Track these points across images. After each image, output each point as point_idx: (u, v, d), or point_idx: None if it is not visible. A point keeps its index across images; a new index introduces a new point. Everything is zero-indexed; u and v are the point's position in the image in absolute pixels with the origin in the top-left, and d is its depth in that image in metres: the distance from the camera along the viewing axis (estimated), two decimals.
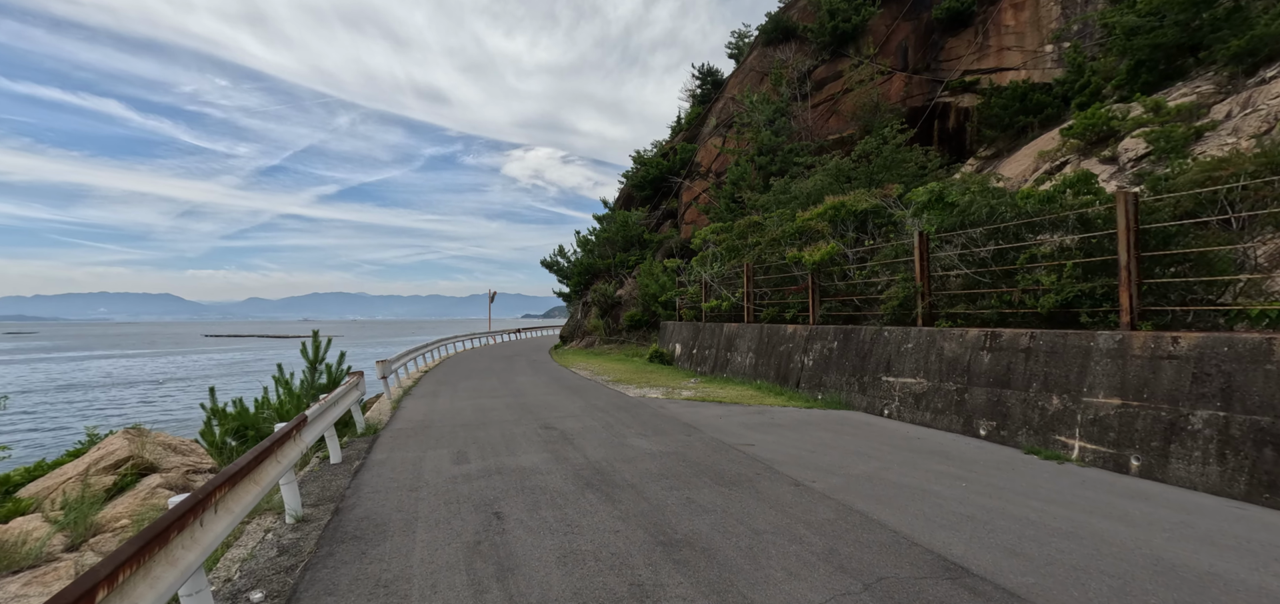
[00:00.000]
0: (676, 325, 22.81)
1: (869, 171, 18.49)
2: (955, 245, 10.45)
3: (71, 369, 55.92)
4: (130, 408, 31.50)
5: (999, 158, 24.70)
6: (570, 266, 34.48)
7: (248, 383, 37.45)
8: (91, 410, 30.93)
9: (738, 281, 18.29)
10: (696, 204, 29.38)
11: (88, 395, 36.96)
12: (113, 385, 42.38)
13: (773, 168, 25.75)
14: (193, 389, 38.96)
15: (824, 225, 14.13)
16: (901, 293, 10.76)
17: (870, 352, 11.38)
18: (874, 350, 11.27)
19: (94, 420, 26.30)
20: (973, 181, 11.38)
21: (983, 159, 25.98)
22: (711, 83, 38.69)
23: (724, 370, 17.26)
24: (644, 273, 26.96)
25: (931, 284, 10.60)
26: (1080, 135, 16.68)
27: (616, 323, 28.47)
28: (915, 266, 10.61)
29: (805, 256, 13.19)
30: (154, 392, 38.47)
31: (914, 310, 10.65)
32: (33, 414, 29.64)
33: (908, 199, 13.02)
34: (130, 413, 29.57)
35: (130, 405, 32.37)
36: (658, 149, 36.52)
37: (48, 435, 23.70)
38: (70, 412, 30.63)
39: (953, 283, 10.63)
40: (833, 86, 30.96)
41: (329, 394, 7.50)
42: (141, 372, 52.73)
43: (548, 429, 9.30)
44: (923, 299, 10.46)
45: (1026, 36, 27.81)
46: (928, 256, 10.57)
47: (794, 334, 14.21)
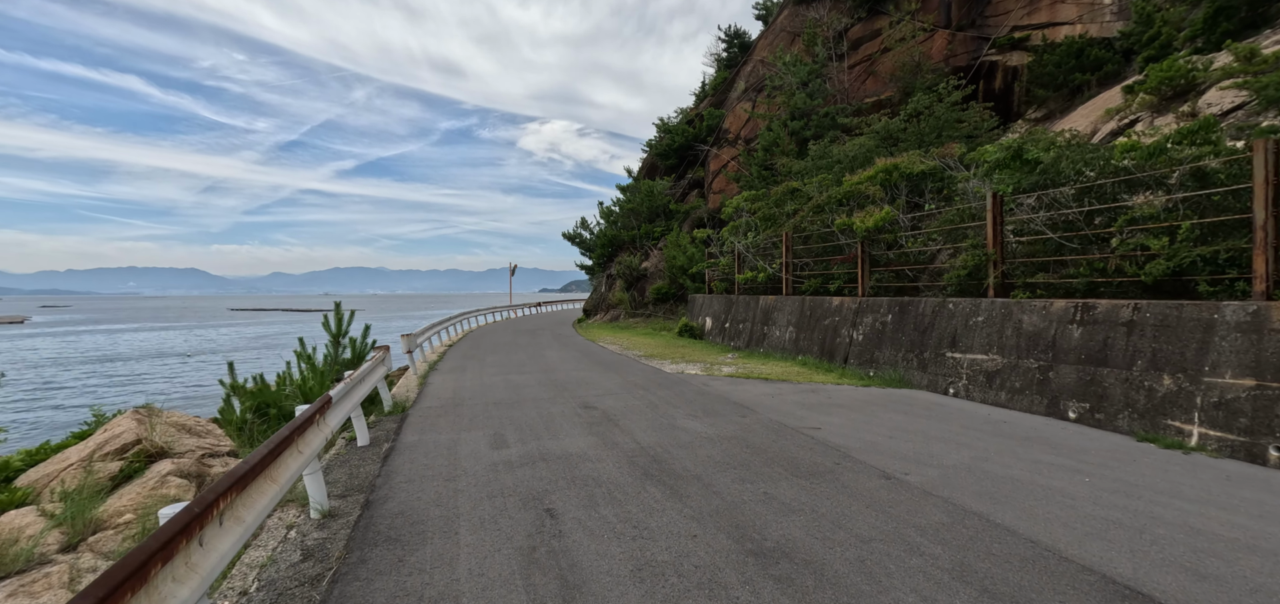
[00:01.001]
0: (706, 298, 21.98)
1: (919, 132, 17.27)
2: (1034, 207, 9.43)
3: (104, 342, 56.94)
4: (160, 382, 31.72)
5: (1051, 119, 23.19)
6: (593, 239, 33.66)
7: (273, 358, 37.60)
8: (127, 382, 31.20)
9: (775, 252, 17.36)
10: (725, 172, 28.26)
11: (124, 367, 37.38)
12: (144, 358, 42.93)
13: (807, 132, 24.51)
14: (219, 364, 39.28)
15: (875, 189, 13.11)
16: (970, 261, 9.79)
17: (931, 325, 10.46)
18: (936, 324, 10.35)
19: (125, 394, 26.42)
20: (1051, 137, 10.27)
21: (1032, 121, 24.47)
22: (738, 46, 37.14)
23: (761, 345, 16.44)
24: (671, 244, 26.07)
25: (1005, 251, 9.62)
26: (1154, 90, 15.29)
27: (642, 296, 27.70)
28: (987, 231, 9.62)
29: (856, 223, 12.22)
30: (182, 365, 38.83)
31: (985, 280, 9.69)
32: (63, 390, 29.95)
33: (972, 159, 11.93)
34: (159, 387, 29.73)
35: (158, 380, 32.61)
36: (682, 116, 35.28)
37: (75, 412, 23.81)
38: (104, 383, 30.91)
39: (1029, 249, 9.64)
40: (869, 46, 29.39)
41: (354, 371, 6.86)
42: (171, 345, 53.48)
43: (587, 408, 8.61)
44: (995, 267, 9.49)
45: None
46: (1001, 220, 9.57)
47: (840, 307, 13.31)
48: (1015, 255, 9.71)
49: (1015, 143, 9.78)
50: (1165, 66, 15.19)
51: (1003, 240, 9.58)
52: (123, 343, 55.68)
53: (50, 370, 35.35)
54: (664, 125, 33.98)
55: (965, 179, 11.67)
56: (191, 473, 4.98)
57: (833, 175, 16.61)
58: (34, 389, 29.13)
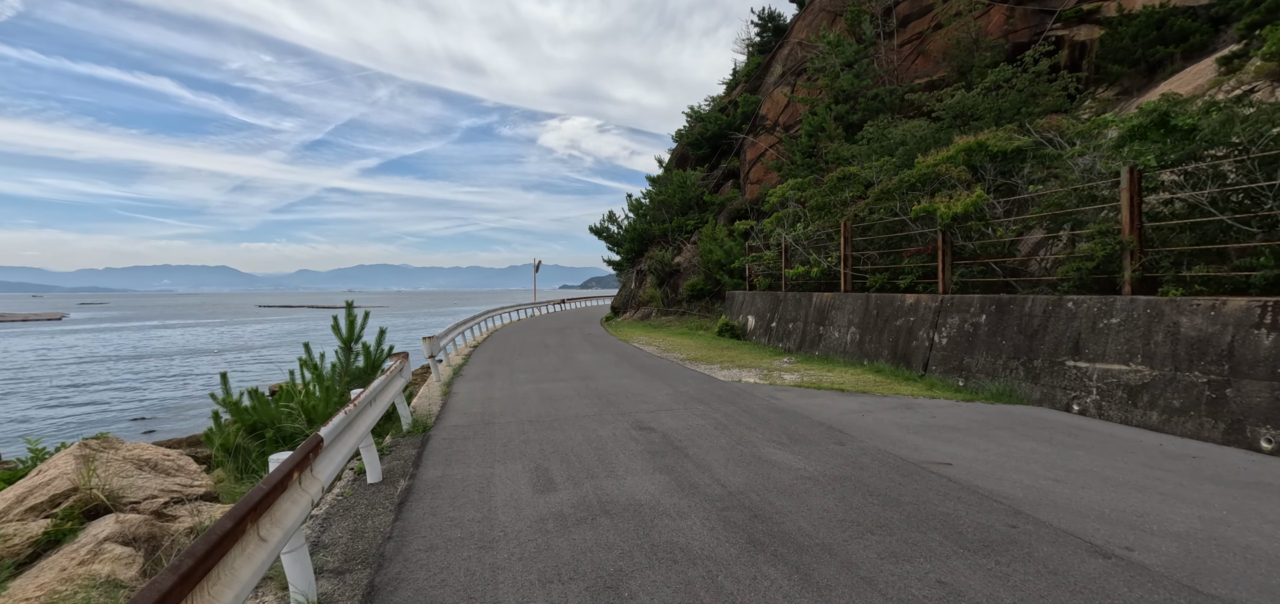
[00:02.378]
0: (748, 295, 20.40)
1: (997, 107, 15.45)
2: (1179, 183, 7.73)
3: (137, 339, 57.33)
4: (198, 379, 31.21)
5: (1127, 97, 21.09)
6: (621, 233, 32.23)
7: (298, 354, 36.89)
8: (165, 378, 30.70)
9: (830, 244, 15.73)
10: (763, 161, 26.58)
11: (164, 363, 37.11)
12: (174, 354, 42.79)
13: (854, 116, 22.74)
14: (248, 362, 38.88)
15: (957, 170, 11.42)
16: (1099, 250, 8.10)
17: (1042, 328, 8.79)
18: (1050, 326, 8.68)
19: (134, 400, 25.76)
20: (1207, 101, 8.51)
21: (1102, 101, 22.37)
22: (772, 29, 35.34)
23: (816, 347, 14.84)
24: (706, 238, 24.52)
25: (1143, 238, 7.92)
26: (1273, 56, 13.30)
27: (675, 293, 26.20)
28: (1123, 214, 7.92)
29: (940, 209, 10.56)
30: (211, 363, 38.48)
31: (1119, 273, 8.00)
32: (104, 386, 29.57)
33: (1083, 131, 10.18)
34: (195, 386, 29.16)
35: (175, 380, 32.14)
36: (714, 104, 33.63)
37: (107, 409, 23.19)
38: (146, 379, 30.47)
39: (1171, 236, 7.93)
40: (919, 24, 27.40)
41: (363, 389, 5.52)
42: (202, 342, 53.56)
43: (644, 430, 7.16)
44: (1133, 258, 7.80)
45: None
46: (1140, 201, 7.87)
47: (916, 305, 11.66)
48: (1157, 243, 8.01)
49: (1157, 107, 8.05)
50: None
51: (1141, 226, 7.88)
52: (155, 340, 56.00)
53: (75, 368, 35.16)
54: (695, 113, 32.36)
55: (1075, 154, 9.93)
56: (140, 536, 3.68)
57: (896, 158, 14.90)
58: (62, 387, 28.78)
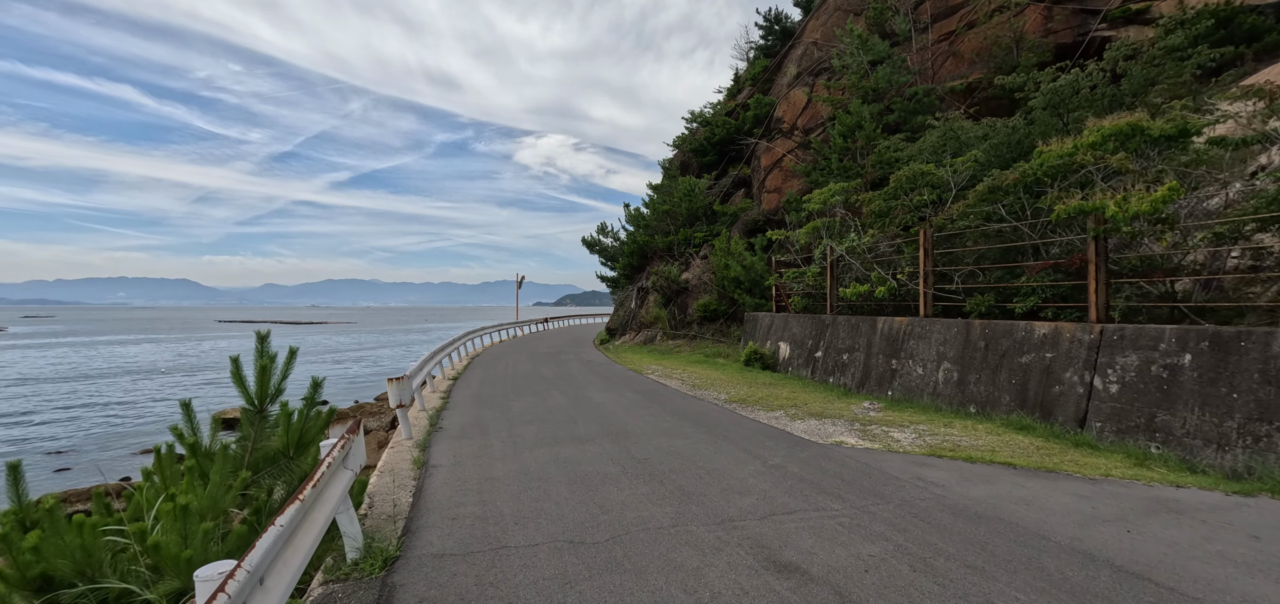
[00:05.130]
0: (779, 319, 17.45)
1: (1112, 93, 12.90)
2: None
3: (74, 356, 51.74)
4: (118, 405, 26.84)
5: (1170, 103, 19.00)
6: (618, 247, 29.15)
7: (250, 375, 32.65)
8: (98, 404, 26.29)
9: (898, 258, 12.89)
10: (780, 167, 23.86)
11: (104, 385, 32.41)
12: (113, 375, 37.92)
13: (890, 117, 20.20)
14: (196, 383, 34.45)
15: (1118, 159, 8.67)
16: None
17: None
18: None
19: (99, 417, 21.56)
20: None
21: (1153, 108, 20.26)
22: (779, 32, 32.99)
23: (887, 387, 11.90)
24: (719, 252, 21.59)
25: None
26: None
27: (683, 313, 23.14)
28: None
29: (1111, 209, 7.74)
30: (155, 386, 33.89)
31: None
32: (22, 417, 25.03)
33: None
34: (135, 413, 24.87)
35: (98, 408, 27.73)
36: (717, 110, 30.97)
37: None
38: (80, 403, 25.98)
39: None
40: (946, 24, 25.21)
41: (264, 536, 2.27)
42: (148, 360, 48.40)
43: (785, 574, 4.02)
44: None
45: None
46: None
47: (1054, 338, 8.80)
48: None
49: None
50: None
51: None
52: (100, 357, 50.52)
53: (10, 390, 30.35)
54: (701, 117, 29.62)
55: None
56: None
57: (981, 154, 12.17)
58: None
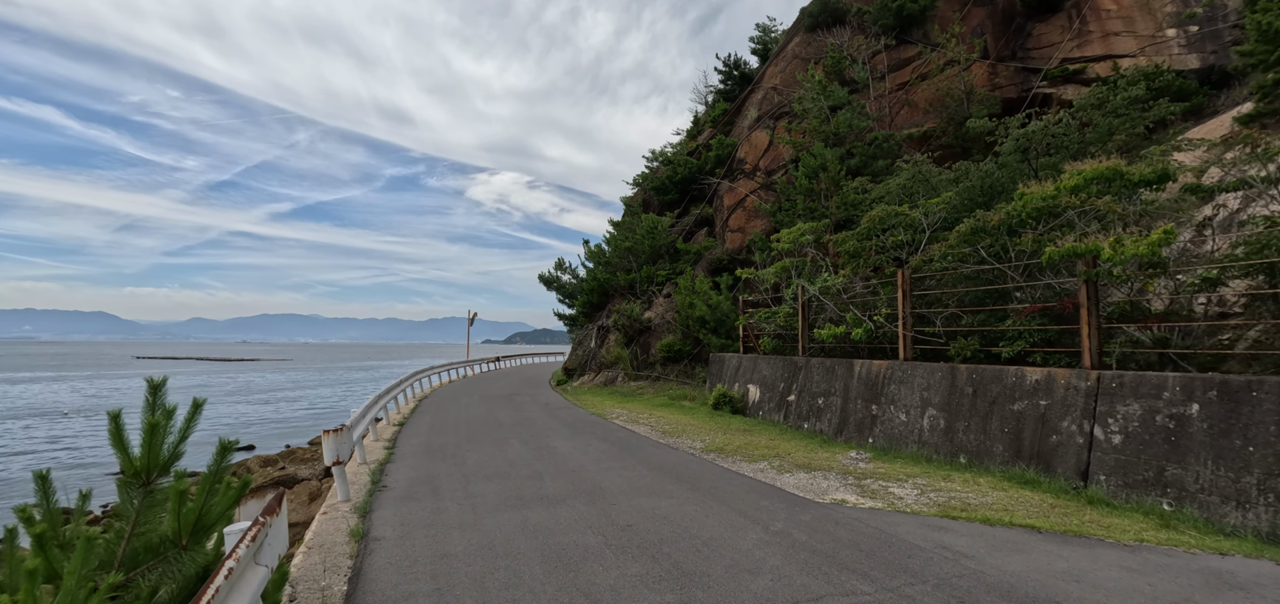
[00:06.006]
0: (747, 360, 16.89)
1: (1080, 139, 13.17)
2: None
3: None
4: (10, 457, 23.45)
5: (1124, 153, 20.04)
6: (576, 284, 28.25)
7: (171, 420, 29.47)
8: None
9: (875, 299, 12.56)
10: (743, 206, 23.74)
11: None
12: (5, 417, 33.58)
13: (851, 161, 20.41)
14: (100, 425, 30.88)
15: (1106, 202, 8.55)
16: None
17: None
18: None
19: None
20: None
21: (1097, 157, 21.31)
22: (738, 77, 33.54)
23: (868, 433, 11.37)
24: (683, 290, 21.04)
25: None
26: None
27: (646, 354, 22.34)
28: None
29: (1106, 251, 7.50)
30: (45, 430, 30.11)
31: None
32: None
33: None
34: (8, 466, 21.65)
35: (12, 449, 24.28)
36: (678, 149, 30.94)
37: None
38: None
39: None
40: (899, 75, 26.12)
41: None
42: (51, 399, 43.46)
43: None
44: None
45: (1136, 21, 23.48)
46: None
47: (1048, 384, 8.45)
48: None
49: None
50: None
51: None
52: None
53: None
54: (663, 156, 29.47)
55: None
56: None
57: (954, 197, 12.11)
58: None
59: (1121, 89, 14.39)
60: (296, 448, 23.25)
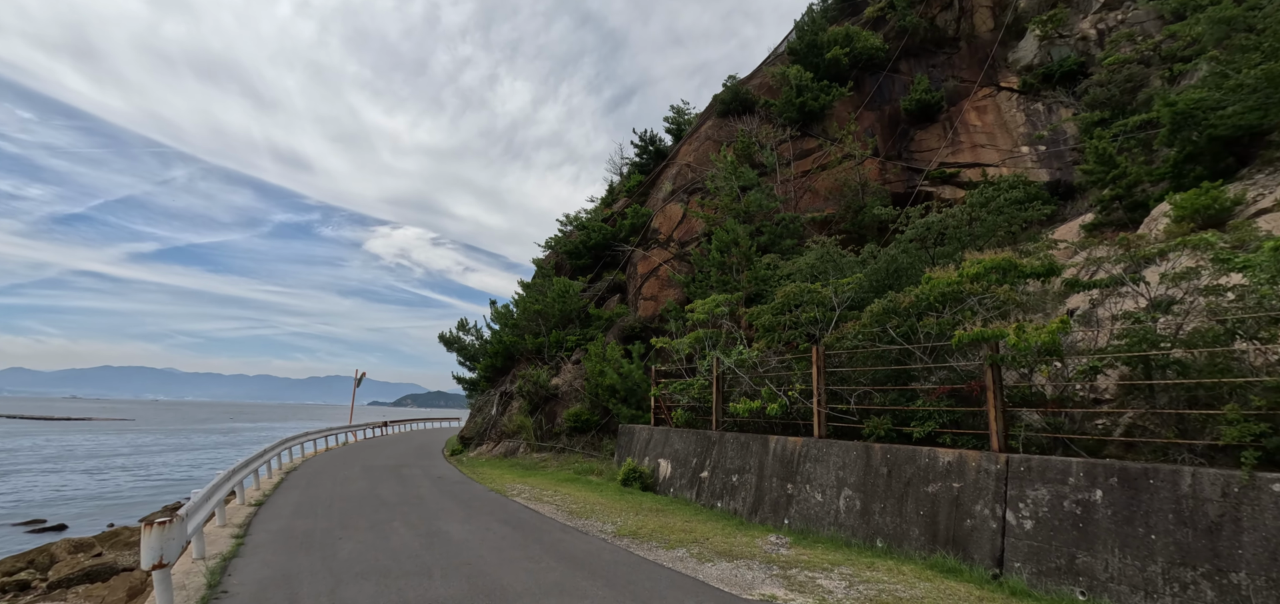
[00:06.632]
0: (656, 433, 16.30)
1: (970, 233, 14.21)
2: None
3: None
4: None
5: (1001, 249, 22.37)
6: (479, 346, 26.66)
7: None
8: None
9: (789, 375, 12.55)
10: (657, 276, 23.75)
11: None
12: None
13: (761, 238, 21.13)
14: None
15: (1005, 291, 9.04)
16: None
17: (1227, 522, 5.96)
18: (1244, 520, 5.86)
19: None
20: None
21: (1050, 241, 23.71)
22: (654, 151, 34.52)
23: (784, 514, 11.04)
24: (593, 358, 20.33)
25: None
26: (1190, 216, 13.77)
27: (552, 423, 21.14)
28: None
29: (1011, 337, 7.81)
30: None
31: None
32: None
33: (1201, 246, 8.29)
34: None
35: None
36: (592, 215, 30.90)
37: None
38: None
39: None
40: (803, 163, 27.94)
41: None
42: None
43: None
44: None
45: (997, 137, 26.84)
46: None
47: (960, 466, 8.55)
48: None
49: None
50: (1197, 195, 13.75)
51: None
52: None
53: None
54: (577, 221, 29.19)
55: (1185, 273, 7.96)
56: None
57: (864, 277, 12.57)
58: None
59: (1003, 191, 15.97)
60: (123, 528, 19.38)
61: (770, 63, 33.57)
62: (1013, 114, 26.99)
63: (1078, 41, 25.43)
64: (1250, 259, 7.11)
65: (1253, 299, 7.06)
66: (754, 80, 32.23)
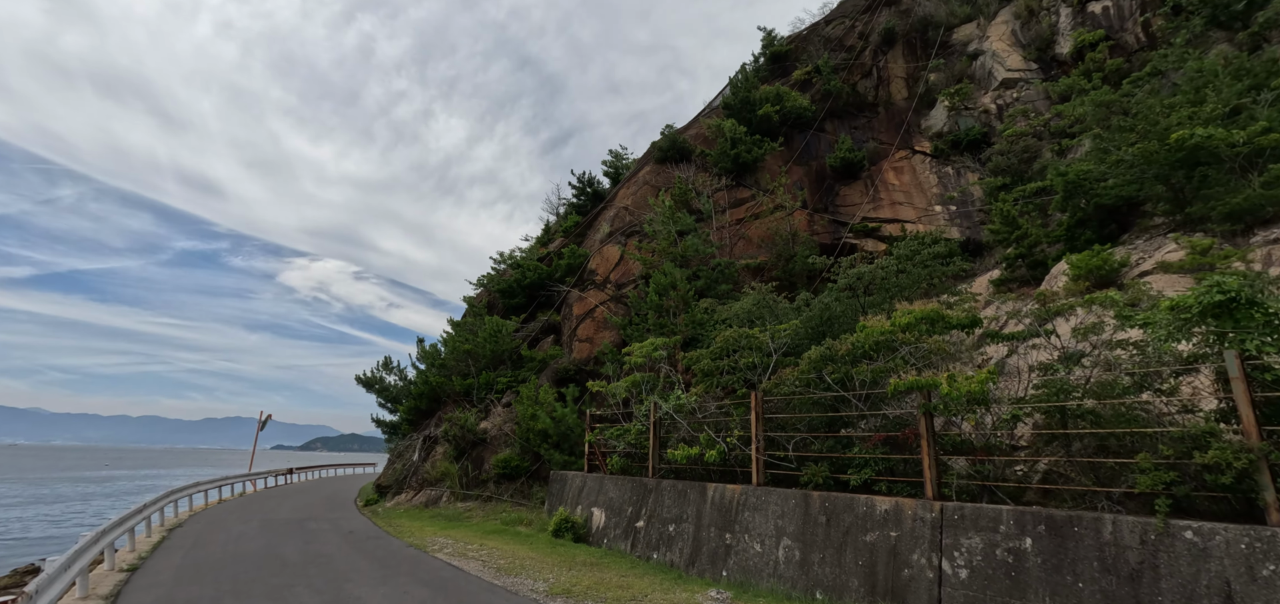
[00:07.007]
0: (589, 480, 15.72)
1: (897, 284, 14.80)
2: None
3: None
4: None
5: (926, 300, 23.67)
6: (402, 387, 25.11)
7: None
8: None
9: (728, 421, 12.44)
10: (593, 317, 23.40)
11: None
12: None
13: (697, 283, 21.34)
14: None
15: (936, 341, 9.37)
16: (1225, 457, 5.99)
17: (1147, 569, 6.22)
18: (1162, 568, 6.14)
19: None
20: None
21: (969, 295, 24.96)
22: (591, 194, 34.58)
23: (722, 565, 10.76)
24: (525, 401, 19.57)
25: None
26: (1084, 276, 15.06)
27: (479, 469, 20.02)
28: (1244, 412, 6.04)
29: (944, 387, 8.05)
30: None
31: (1258, 494, 5.91)
32: None
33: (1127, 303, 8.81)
34: None
35: None
36: (528, 254, 30.34)
37: None
38: None
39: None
40: (737, 211, 28.77)
41: None
42: None
43: None
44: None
45: (913, 196, 28.75)
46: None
47: (897, 515, 8.62)
48: None
49: (1229, 284, 6.74)
50: (1089, 256, 15.07)
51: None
52: None
53: None
54: (509, 259, 28.50)
55: (1090, 328, 8.49)
56: None
57: (802, 323, 12.81)
58: None
59: (927, 245, 16.90)
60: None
61: (706, 114, 34.74)
62: (927, 175, 29.00)
63: (981, 114, 27.87)
64: (1149, 316, 7.70)
65: (1154, 353, 7.62)
66: (691, 130, 33.19)
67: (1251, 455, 5.89)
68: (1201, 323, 6.81)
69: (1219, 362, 6.67)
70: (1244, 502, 6.20)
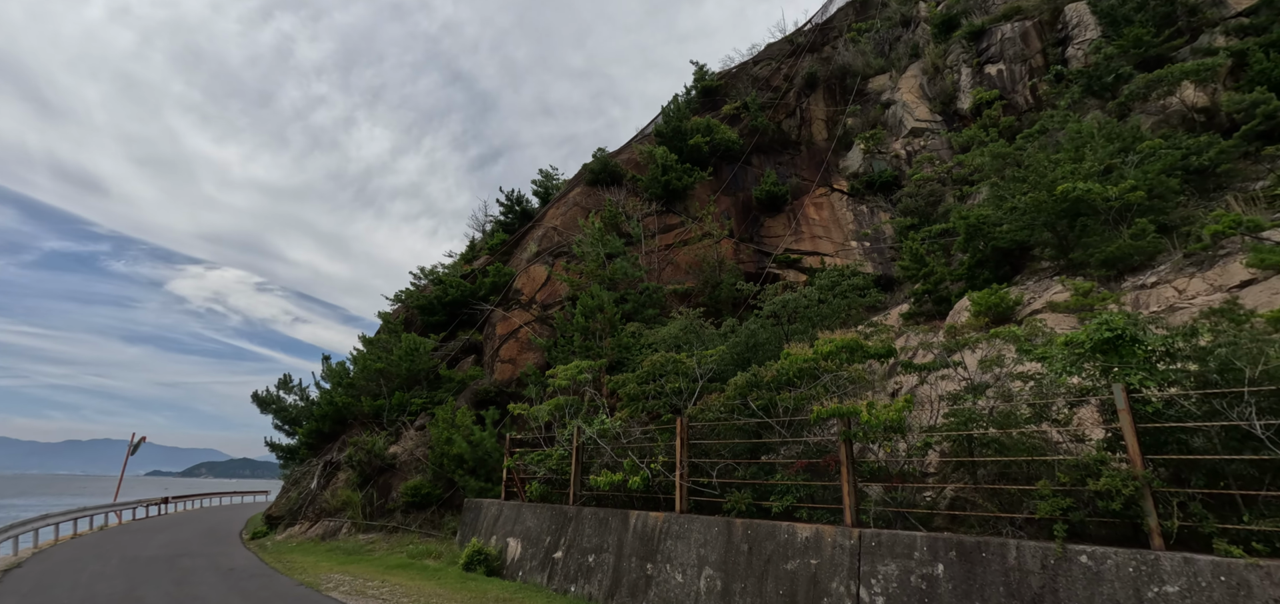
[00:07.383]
0: (506, 508, 14.95)
1: (820, 313, 15.15)
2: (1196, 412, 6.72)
3: None
4: None
5: (830, 331, 24.59)
6: (303, 408, 23.10)
7: None
8: None
9: (653, 447, 12.19)
10: (517, 338, 22.63)
11: None
12: None
13: (625, 306, 21.17)
14: None
15: (856, 370, 9.57)
16: (1111, 484, 6.37)
17: (1047, 592, 6.48)
18: (1062, 591, 6.41)
19: None
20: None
21: (885, 326, 25.83)
22: (519, 212, 33.82)
23: (642, 597, 10.41)
24: (441, 423, 18.50)
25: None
26: (984, 312, 16.16)
27: (385, 497, 18.60)
28: (1128, 440, 6.47)
29: (864, 414, 8.19)
30: None
31: (1143, 519, 6.30)
32: None
33: (1025, 337, 9.28)
34: None
35: None
36: (451, 270, 29.12)
37: None
38: None
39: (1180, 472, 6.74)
40: (666, 237, 29.01)
41: None
42: None
43: None
44: (1150, 500, 6.23)
45: (832, 231, 30.15)
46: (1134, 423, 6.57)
47: (816, 542, 8.64)
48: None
49: (1114, 322, 7.27)
50: (988, 295, 16.18)
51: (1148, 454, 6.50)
52: None
53: None
54: (431, 274, 27.17)
55: (996, 362, 8.92)
56: None
57: (728, 349, 12.85)
58: None
59: (846, 277, 17.56)
60: None
61: (639, 140, 35.03)
62: (844, 212, 30.48)
63: (892, 158, 29.75)
64: (1046, 351, 8.22)
65: (1050, 385, 8.11)
66: (623, 155, 33.33)
67: (1137, 483, 6.30)
68: (1092, 358, 7.31)
69: (1107, 394, 7.16)
70: (1131, 527, 6.61)
